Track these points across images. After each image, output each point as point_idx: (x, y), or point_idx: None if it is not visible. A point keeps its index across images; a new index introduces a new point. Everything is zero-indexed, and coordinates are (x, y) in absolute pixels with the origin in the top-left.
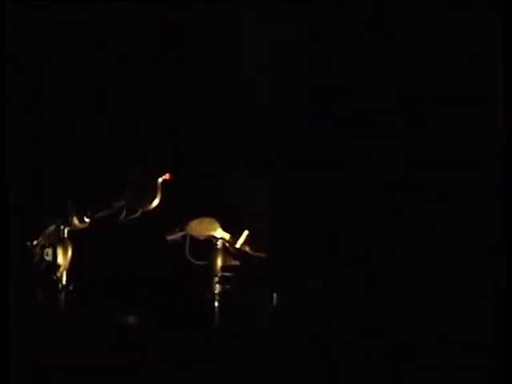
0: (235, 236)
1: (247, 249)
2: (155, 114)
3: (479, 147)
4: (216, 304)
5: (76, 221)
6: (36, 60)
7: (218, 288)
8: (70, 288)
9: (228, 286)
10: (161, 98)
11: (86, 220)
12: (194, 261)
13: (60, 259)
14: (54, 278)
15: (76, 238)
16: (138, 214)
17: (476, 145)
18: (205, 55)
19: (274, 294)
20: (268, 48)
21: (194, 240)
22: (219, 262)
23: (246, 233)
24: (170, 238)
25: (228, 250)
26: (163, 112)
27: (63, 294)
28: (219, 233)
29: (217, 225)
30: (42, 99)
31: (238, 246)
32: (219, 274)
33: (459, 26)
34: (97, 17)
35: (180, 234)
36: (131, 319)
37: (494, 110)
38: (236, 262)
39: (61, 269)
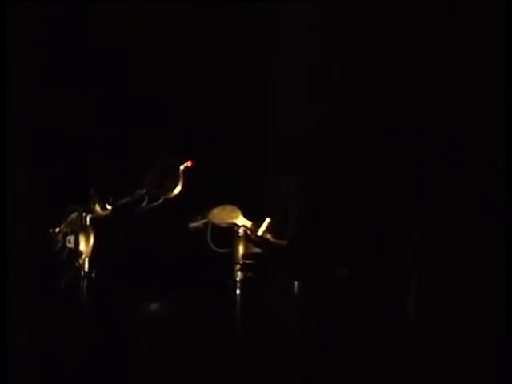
0: (257, 223)
1: (269, 236)
2: (178, 102)
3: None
4: (238, 291)
5: (98, 208)
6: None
7: (239, 275)
8: (92, 275)
9: (250, 274)
10: (186, 86)
11: (108, 207)
12: (215, 248)
13: (82, 246)
14: (76, 265)
15: (98, 225)
16: (160, 201)
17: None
18: (239, 44)
19: (296, 282)
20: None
21: (216, 227)
22: (241, 250)
23: (267, 220)
24: (191, 225)
25: (250, 238)
26: (187, 99)
27: (85, 281)
28: (241, 220)
29: (238, 212)
30: (66, 88)
31: (259, 233)
32: (241, 262)
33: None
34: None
35: (202, 222)
36: (153, 306)
37: None
38: (258, 250)
39: (83, 256)
